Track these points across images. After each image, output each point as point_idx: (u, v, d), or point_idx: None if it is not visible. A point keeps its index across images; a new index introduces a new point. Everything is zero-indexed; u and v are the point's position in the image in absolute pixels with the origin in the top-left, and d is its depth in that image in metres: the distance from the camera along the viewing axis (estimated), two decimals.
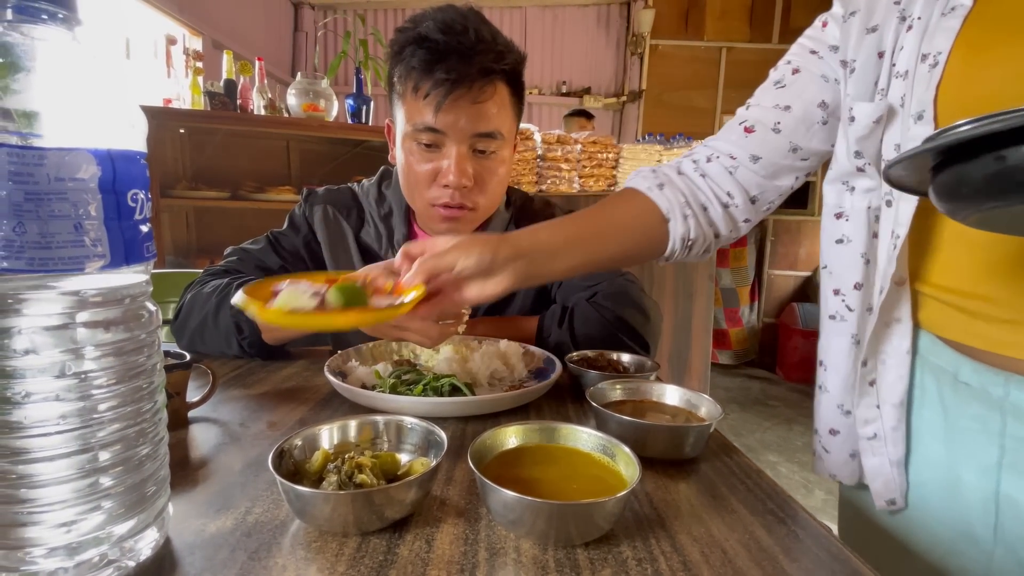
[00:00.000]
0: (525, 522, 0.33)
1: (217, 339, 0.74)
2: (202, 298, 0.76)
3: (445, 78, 0.68)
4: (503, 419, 0.56)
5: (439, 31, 0.69)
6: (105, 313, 0.28)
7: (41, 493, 0.27)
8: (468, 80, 0.69)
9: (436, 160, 0.75)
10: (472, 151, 0.75)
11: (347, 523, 0.33)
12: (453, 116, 0.71)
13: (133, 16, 2.57)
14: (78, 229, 0.26)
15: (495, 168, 0.78)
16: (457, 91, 0.69)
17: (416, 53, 0.70)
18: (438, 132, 0.72)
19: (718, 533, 0.37)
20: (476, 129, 0.73)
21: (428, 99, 0.70)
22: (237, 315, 0.72)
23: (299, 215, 0.91)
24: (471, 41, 0.69)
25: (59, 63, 0.27)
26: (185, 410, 0.53)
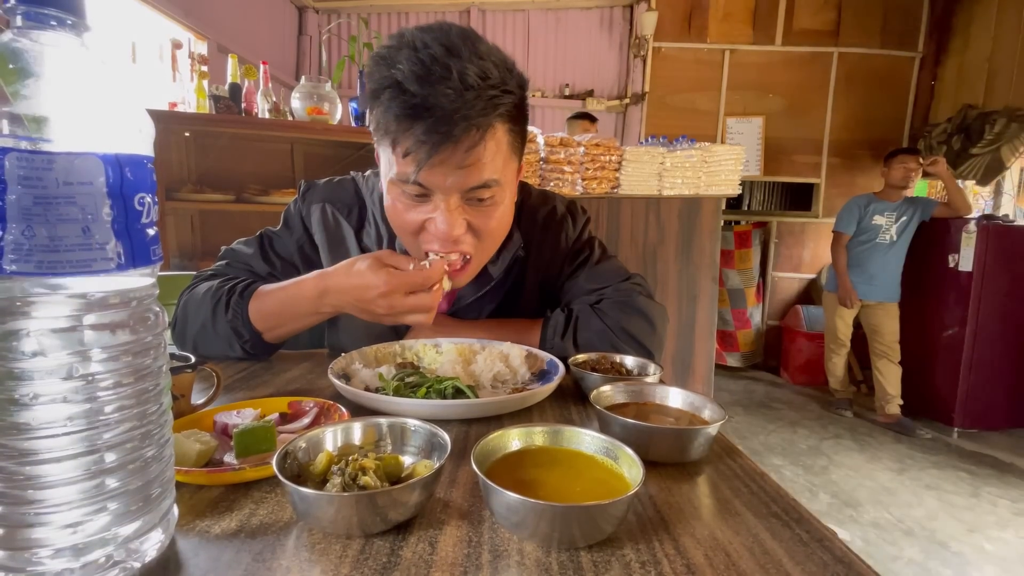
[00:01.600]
0: (528, 524, 0.33)
1: (219, 343, 0.74)
2: (195, 302, 0.76)
3: (424, 141, 0.59)
4: (506, 421, 0.56)
5: (416, 81, 0.57)
6: (112, 315, 0.28)
7: (48, 494, 0.27)
8: (451, 139, 0.59)
9: (424, 210, 0.67)
10: (464, 201, 0.67)
11: (351, 525, 0.34)
12: (438, 175, 0.63)
13: (139, 20, 2.59)
14: (86, 232, 0.26)
15: (492, 214, 0.69)
16: (440, 153, 0.60)
17: (392, 104, 0.59)
18: (424, 187, 0.65)
19: (722, 536, 0.37)
20: (466, 184, 0.64)
21: (408, 158, 0.61)
22: (234, 320, 0.72)
23: (294, 213, 0.86)
24: (455, 91, 0.57)
25: (68, 69, 0.27)
26: (190, 412, 0.53)
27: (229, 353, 0.75)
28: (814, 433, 2.97)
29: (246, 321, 0.72)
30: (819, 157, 4.07)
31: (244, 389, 0.65)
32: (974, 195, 3.90)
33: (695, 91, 4.06)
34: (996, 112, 3.36)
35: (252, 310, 0.72)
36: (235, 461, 0.43)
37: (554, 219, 0.89)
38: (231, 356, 0.75)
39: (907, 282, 3.08)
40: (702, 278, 2.38)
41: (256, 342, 0.73)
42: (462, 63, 0.58)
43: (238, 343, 0.73)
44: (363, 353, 0.70)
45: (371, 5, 4.21)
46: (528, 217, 0.88)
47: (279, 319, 0.72)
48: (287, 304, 0.72)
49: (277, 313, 0.72)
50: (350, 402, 0.57)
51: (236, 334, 0.72)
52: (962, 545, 1.94)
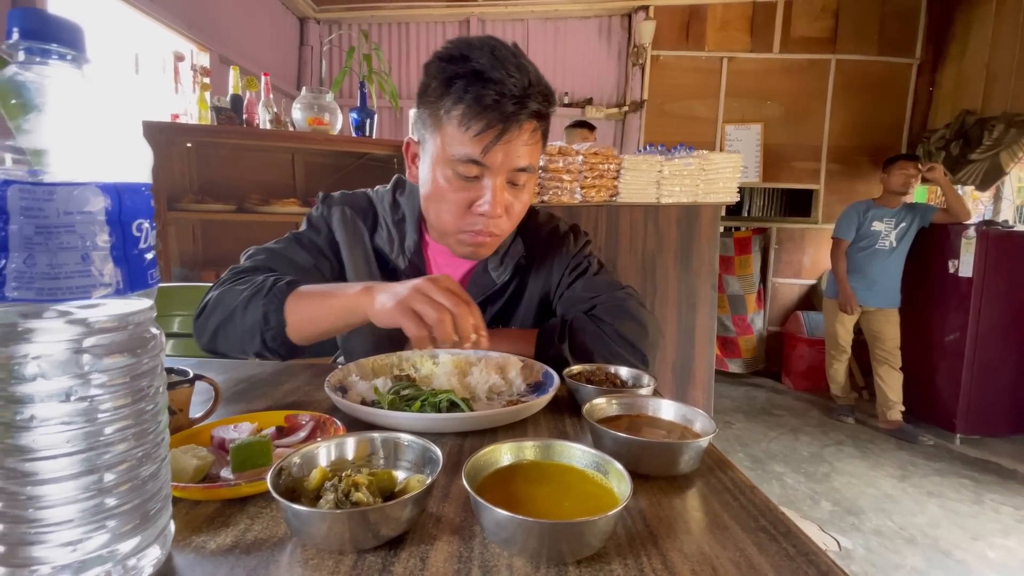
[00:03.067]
0: (517, 540, 0.34)
1: (241, 335, 0.73)
2: (233, 293, 0.75)
3: (499, 121, 0.70)
4: (500, 434, 0.57)
5: (494, 70, 0.69)
6: (110, 339, 0.29)
7: (48, 514, 0.28)
8: (517, 123, 0.71)
9: (473, 190, 0.76)
10: (507, 182, 0.77)
11: (343, 541, 0.34)
12: (499, 154, 0.73)
13: (142, 32, 2.62)
14: (85, 260, 0.27)
15: (523, 198, 0.81)
16: (507, 133, 0.71)
17: (469, 89, 0.70)
18: (481, 165, 0.74)
19: (709, 551, 0.37)
20: (515, 165, 0.75)
21: (478, 137, 0.71)
22: (268, 304, 0.71)
23: (317, 216, 0.92)
24: (523, 82, 0.70)
25: (69, 101, 0.29)
26: (188, 426, 0.54)
27: (247, 346, 0.74)
28: (816, 440, 2.96)
29: (279, 309, 0.71)
30: (818, 163, 4.09)
31: (242, 402, 0.66)
32: (973, 200, 3.90)
33: (693, 99, 4.09)
34: (994, 118, 3.37)
35: (290, 301, 0.71)
36: (232, 476, 0.44)
37: (557, 234, 0.95)
38: (247, 351, 0.74)
39: (907, 288, 3.09)
40: (701, 285, 2.38)
41: (278, 333, 0.71)
42: (525, 64, 0.72)
43: (260, 334, 0.72)
44: (360, 365, 0.71)
45: (371, 16, 4.25)
46: (533, 232, 0.95)
47: (312, 310, 0.71)
48: (327, 296, 0.71)
49: (315, 297, 0.71)
50: (346, 415, 0.58)
51: (264, 320, 0.71)
52: (965, 553, 1.93)
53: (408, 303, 0.61)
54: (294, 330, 0.72)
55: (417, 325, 0.60)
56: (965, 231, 2.96)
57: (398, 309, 0.61)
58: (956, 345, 3.01)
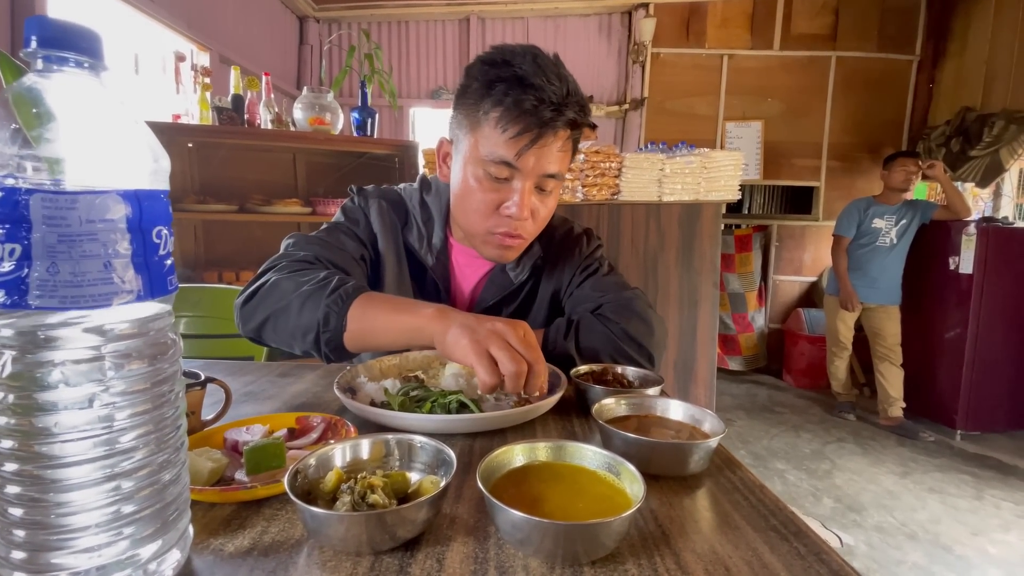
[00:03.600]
0: (533, 541, 0.34)
1: (293, 330, 0.69)
2: (291, 283, 0.71)
3: (537, 125, 0.71)
4: (510, 435, 0.57)
5: (536, 76, 0.71)
6: (131, 345, 0.30)
7: (70, 520, 0.28)
8: (554, 129, 0.73)
9: (502, 192, 0.77)
10: (536, 187, 0.78)
11: (360, 543, 0.35)
12: (532, 157, 0.74)
13: (142, 33, 2.61)
14: (107, 267, 0.28)
15: (549, 204, 0.82)
16: (543, 138, 0.73)
17: (510, 93, 0.71)
18: (512, 168, 0.74)
19: (722, 550, 0.37)
20: (545, 170, 0.76)
21: (513, 139, 0.72)
22: (331, 306, 0.66)
23: (354, 208, 0.91)
24: (563, 93, 0.72)
25: (88, 110, 0.29)
26: (200, 428, 0.54)
27: (295, 344, 0.70)
28: (817, 437, 2.96)
29: (342, 311, 0.66)
30: (819, 160, 4.09)
31: (252, 403, 0.66)
32: (973, 197, 3.90)
33: (694, 96, 4.08)
34: (994, 114, 3.37)
35: (356, 305, 0.67)
36: (246, 478, 0.44)
37: (571, 236, 0.97)
38: (294, 347, 0.71)
39: (908, 285, 3.09)
40: (703, 283, 2.39)
41: (335, 337, 0.67)
42: (566, 74, 0.74)
43: (315, 334, 0.67)
44: (368, 367, 0.71)
45: (371, 15, 4.25)
46: (547, 234, 0.95)
47: (376, 322, 0.66)
48: (396, 310, 0.66)
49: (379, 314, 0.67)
50: (356, 416, 0.58)
51: (323, 320, 0.66)
52: (966, 549, 1.93)
53: (486, 345, 0.56)
54: (352, 338, 0.67)
55: (491, 372, 0.55)
56: (965, 228, 2.96)
57: (474, 349, 0.55)
58: (956, 341, 3.01)
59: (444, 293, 0.89)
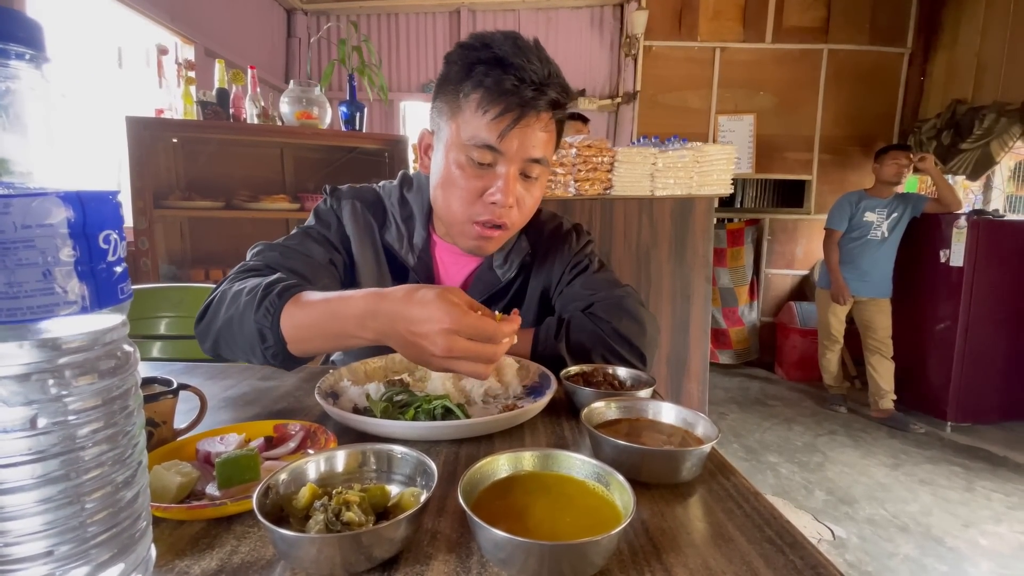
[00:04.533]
0: (516, 561, 0.32)
1: (242, 345, 0.66)
2: (229, 299, 0.68)
3: (518, 105, 0.70)
4: (497, 440, 0.56)
5: (516, 57, 0.70)
6: (79, 359, 0.27)
7: (17, 550, 0.26)
8: (536, 110, 0.71)
9: (486, 179, 0.75)
10: (520, 173, 0.76)
11: (334, 565, 0.33)
12: (514, 140, 0.72)
13: (124, 25, 2.55)
14: (47, 276, 0.25)
15: (535, 193, 0.80)
16: (525, 118, 0.71)
17: (490, 74, 0.70)
18: (495, 152, 0.73)
19: (715, 565, 0.36)
20: (530, 155, 0.74)
21: (495, 121, 0.71)
22: (261, 321, 0.62)
23: (326, 209, 0.88)
24: (544, 72, 0.71)
25: (27, 105, 0.26)
26: (172, 438, 0.52)
27: (251, 358, 0.67)
28: (809, 429, 2.98)
29: (275, 326, 0.62)
30: (810, 154, 4.09)
31: (230, 409, 0.64)
32: (964, 190, 3.92)
33: (686, 89, 4.06)
34: (985, 107, 3.38)
35: (285, 315, 0.62)
36: (218, 492, 0.42)
37: (559, 233, 0.95)
38: (252, 360, 0.68)
39: (899, 278, 3.10)
40: (696, 278, 2.38)
41: (279, 351, 0.63)
42: (547, 57, 0.73)
43: (260, 348, 0.64)
44: (352, 369, 0.69)
45: (360, 7, 4.18)
46: (536, 230, 0.94)
47: (310, 332, 0.62)
48: (325, 318, 0.61)
49: (310, 325, 0.62)
50: (338, 423, 0.56)
51: (260, 337, 0.63)
52: (957, 540, 1.95)
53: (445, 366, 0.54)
54: (296, 347, 0.63)
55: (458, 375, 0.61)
56: (956, 221, 2.97)
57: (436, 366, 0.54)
58: (947, 334, 3.03)
59: None
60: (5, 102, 0.26)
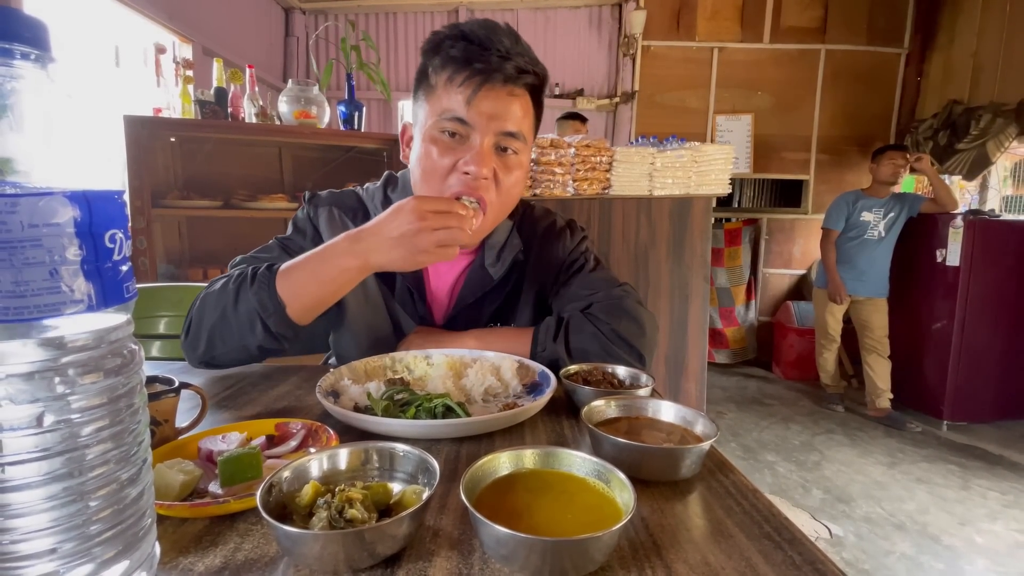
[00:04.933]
0: (519, 557, 0.33)
1: (238, 329, 0.69)
2: (214, 294, 0.72)
3: (482, 68, 0.71)
4: (497, 438, 0.56)
5: (481, 29, 0.73)
6: (84, 358, 0.27)
7: (24, 547, 0.26)
8: (503, 74, 0.72)
9: (458, 153, 0.75)
10: (494, 148, 0.76)
11: (338, 562, 0.33)
12: (483, 108, 0.73)
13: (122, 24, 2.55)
14: (54, 275, 0.26)
15: (512, 168, 0.79)
16: (491, 83, 0.72)
17: (456, 46, 0.72)
18: (465, 123, 0.74)
19: (715, 561, 0.36)
20: (502, 127, 0.74)
21: (462, 87, 0.72)
22: (259, 291, 0.68)
23: (303, 218, 0.89)
24: (510, 43, 0.73)
25: (32, 105, 0.26)
26: (174, 437, 0.52)
27: (248, 341, 0.70)
28: (806, 428, 2.99)
29: (272, 291, 0.68)
30: (808, 154, 4.10)
31: (231, 409, 0.64)
32: (960, 190, 3.94)
33: (685, 89, 4.07)
34: (981, 107, 3.39)
35: (279, 278, 0.69)
36: (220, 490, 0.42)
37: (553, 230, 0.94)
38: (249, 347, 0.70)
39: (895, 277, 3.11)
40: (694, 277, 2.38)
41: (280, 317, 0.68)
42: (517, 34, 0.75)
43: (260, 321, 0.68)
44: (352, 368, 0.70)
45: (358, 6, 4.18)
46: (529, 227, 0.93)
47: (305, 284, 0.68)
48: (315, 263, 0.69)
49: (303, 278, 0.68)
50: (339, 422, 0.57)
51: (260, 307, 0.67)
52: (953, 538, 1.96)
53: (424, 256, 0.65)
54: (296, 310, 0.69)
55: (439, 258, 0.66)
56: (952, 221, 2.98)
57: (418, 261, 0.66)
58: (943, 333, 3.05)
59: (419, 296, 0.86)
60: (10, 102, 0.27)
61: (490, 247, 0.87)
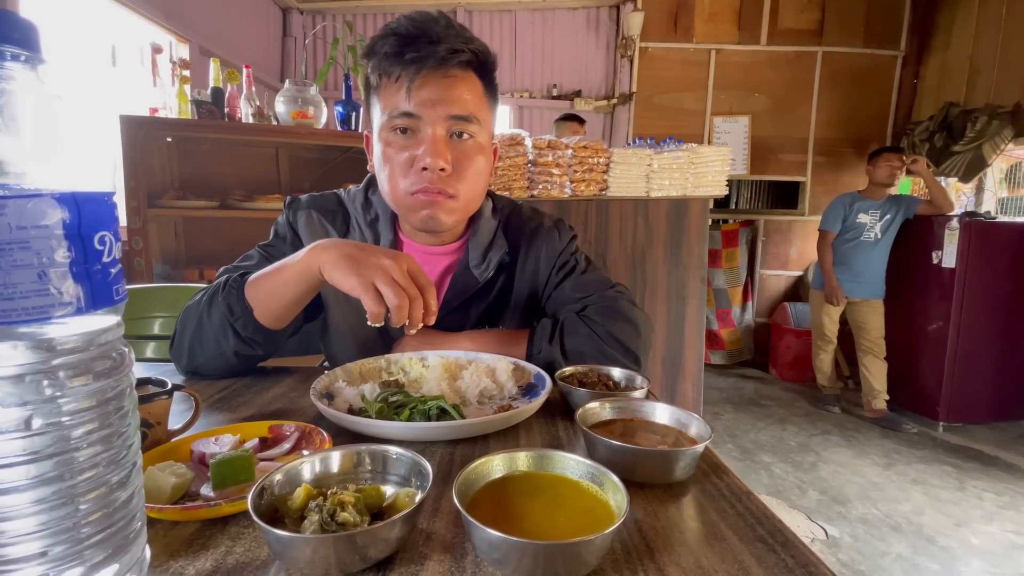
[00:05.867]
0: (511, 561, 0.33)
1: (213, 336, 0.72)
2: (193, 305, 0.75)
3: (415, 56, 0.71)
4: (492, 440, 0.56)
5: (409, 21, 0.73)
6: (74, 360, 0.27)
7: (11, 551, 0.26)
8: (436, 58, 0.71)
9: (412, 147, 0.75)
10: (448, 136, 0.75)
11: (329, 565, 0.33)
12: (425, 97, 0.72)
13: (119, 23, 2.54)
14: (42, 278, 0.25)
15: (472, 154, 0.77)
16: (426, 69, 0.72)
17: (387, 43, 0.72)
18: (413, 116, 0.73)
19: (708, 564, 0.36)
20: (450, 111, 0.73)
21: (400, 80, 0.72)
22: (228, 296, 0.71)
23: (283, 223, 0.90)
24: (439, 27, 0.72)
25: (22, 106, 0.26)
26: (166, 439, 0.52)
27: (224, 348, 0.72)
28: (803, 430, 3.00)
29: (240, 297, 0.70)
30: (805, 156, 4.11)
31: (225, 411, 0.64)
32: (956, 192, 3.95)
33: (682, 91, 4.08)
34: (978, 109, 3.41)
35: (249, 284, 0.72)
36: (212, 493, 0.42)
37: (541, 230, 0.91)
38: (226, 353, 0.72)
39: (892, 279, 3.12)
40: (690, 279, 2.39)
41: (247, 321, 0.70)
42: (446, 18, 0.74)
43: (230, 325, 0.70)
44: (347, 370, 0.69)
45: (356, 6, 4.18)
46: (516, 228, 0.91)
47: (270, 286, 0.70)
48: (280, 266, 0.70)
49: (269, 281, 0.70)
50: (333, 424, 0.56)
51: (229, 312, 0.70)
52: (949, 540, 1.97)
53: (371, 280, 0.61)
54: (261, 312, 0.71)
55: (376, 303, 0.60)
56: (948, 223, 2.99)
57: (360, 283, 0.61)
58: (939, 335, 3.06)
59: None
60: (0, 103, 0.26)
61: (474, 246, 0.85)
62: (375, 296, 0.60)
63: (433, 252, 0.86)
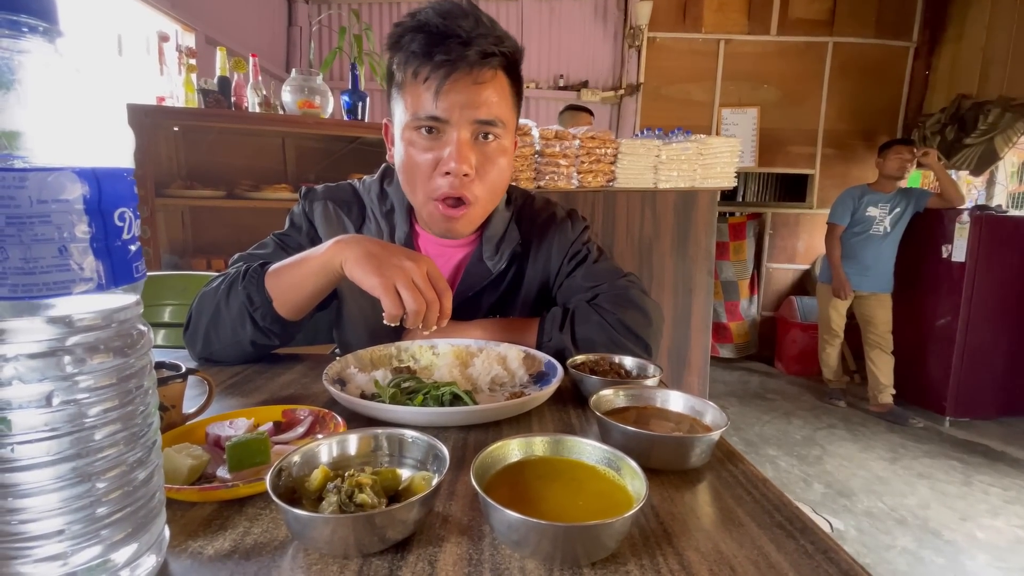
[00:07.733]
0: (530, 543, 0.33)
1: (230, 324, 0.72)
2: (211, 292, 0.75)
3: (445, 59, 0.68)
4: (504, 427, 0.56)
5: (438, 16, 0.69)
6: (93, 337, 0.27)
7: (32, 527, 0.26)
8: (467, 62, 0.69)
9: (437, 149, 0.73)
10: (473, 139, 0.74)
11: (348, 545, 0.33)
12: (453, 101, 0.70)
13: (125, 12, 2.53)
14: (63, 252, 0.25)
15: (496, 158, 0.76)
16: (456, 73, 0.69)
17: (415, 39, 0.70)
18: (439, 119, 0.71)
19: (726, 549, 0.36)
20: (477, 116, 0.72)
21: (428, 83, 0.70)
22: (248, 285, 0.71)
23: (299, 213, 0.90)
24: (470, 25, 0.69)
25: (41, 78, 0.26)
26: (181, 422, 0.52)
27: (240, 337, 0.72)
28: (808, 423, 2.99)
29: (260, 287, 0.71)
30: (813, 148, 4.07)
31: (238, 396, 0.64)
32: (967, 185, 3.91)
33: (690, 82, 4.04)
34: (990, 102, 3.36)
35: (269, 275, 0.72)
36: (228, 475, 0.42)
37: (554, 221, 0.92)
38: (242, 342, 0.73)
39: (900, 273, 3.10)
40: (697, 271, 2.38)
41: (267, 311, 0.71)
42: (475, 12, 0.71)
43: (249, 315, 0.71)
44: (358, 356, 0.69)
45: None
46: (528, 218, 0.91)
47: (291, 277, 0.70)
48: (302, 258, 0.70)
49: (289, 272, 0.71)
50: (345, 409, 0.56)
51: (249, 302, 0.70)
52: (954, 534, 1.96)
53: (392, 281, 0.62)
54: (281, 303, 0.71)
55: (396, 305, 0.61)
56: (959, 216, 2.96)
57: (381, 284, 0.62)
58: (947, 329, 3.04)
59: None
60: (18, 76, 0.26)
61: (488, 239, 0.85)
62: (395, 298, 0.61)
63: (448, 244, 0.86)
